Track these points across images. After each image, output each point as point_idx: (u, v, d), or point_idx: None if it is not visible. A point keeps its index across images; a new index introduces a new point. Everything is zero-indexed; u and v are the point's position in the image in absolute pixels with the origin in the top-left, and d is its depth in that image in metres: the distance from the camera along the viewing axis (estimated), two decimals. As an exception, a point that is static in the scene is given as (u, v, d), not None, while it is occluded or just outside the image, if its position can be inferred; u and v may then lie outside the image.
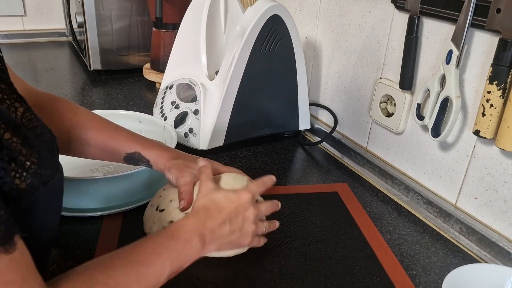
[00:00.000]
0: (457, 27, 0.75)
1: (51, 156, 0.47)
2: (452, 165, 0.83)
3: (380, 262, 0.72)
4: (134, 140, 0.74)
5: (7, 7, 1.85)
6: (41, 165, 0.44)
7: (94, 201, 0.78)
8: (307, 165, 1.04)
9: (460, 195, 0.82)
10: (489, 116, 0.71)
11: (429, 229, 0.82)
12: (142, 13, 1.51)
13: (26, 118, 0.46)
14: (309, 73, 1.20)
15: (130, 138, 0.74)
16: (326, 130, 1.13)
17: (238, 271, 0.69)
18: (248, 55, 0.97)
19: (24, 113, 0.47)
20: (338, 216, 0.84)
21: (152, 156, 0.73)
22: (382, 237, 0.79)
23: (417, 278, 0.70)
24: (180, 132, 1.02)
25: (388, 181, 0.96)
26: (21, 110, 0.46)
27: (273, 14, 0.96)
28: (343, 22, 1.05)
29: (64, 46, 1.90)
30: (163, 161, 0.72)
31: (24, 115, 0.46)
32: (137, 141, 0.74)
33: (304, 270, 0.69)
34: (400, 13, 0.89)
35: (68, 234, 0.74)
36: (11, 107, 0.45)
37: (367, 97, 1.01)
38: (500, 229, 0.76)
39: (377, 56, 0.96)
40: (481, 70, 0.75)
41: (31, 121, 0.47)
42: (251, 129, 1.06)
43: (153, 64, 1.46)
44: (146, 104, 1.30)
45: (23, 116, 0.46)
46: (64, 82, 1.46)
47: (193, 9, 1.09)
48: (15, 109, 0.46)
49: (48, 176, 0.45)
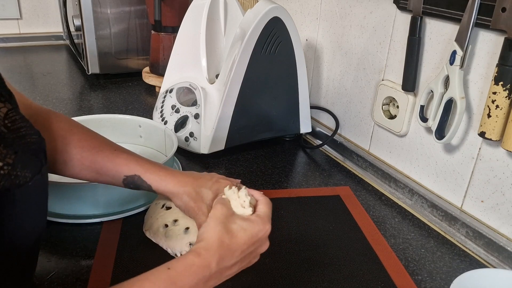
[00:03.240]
0: (461, 27, 0.74)
1: (33, 158, 0.45)
2: (457, 167, 0.81)
3: (385, 267, 0.71)
4: (134, 161, 0.68)
5: (3, 10, 1.84)
6: (17, 166, 0.42)
7: (93, 207, 0.77)
8: (309, 169, 1.03)
9: (466, 198, 0.81)
10: (494, 117, 0.69)
11: (434, 233, 0.81)
12: (140, 16, 1.50)
13: (9, 119, 0.45)
14: (310, 76, 1.19)
15: (130, 159, 0.68)
16: (328, 133, 1.12)
17: (239, 276, 0.67)
18: (248, 58, 0.96)
19: (7, 114, 0.45)
20: (341, 220, 0.82)
21: (154, 181, 0.67)
22: (386, 241, 0.77)
23: (423, 283, 0.69)
24: (180, 136, 1.01)
25: (391, 184, 0.94)
26: (4, 110, 0.45)
27: (274, 16, 0.95)
28: (344, 23, 1.04)
29: (61, 49, 1.89)
30: (168, 187, 0.67)
31: (7, 115, 0.45)
32: (138, 163, 0.68)
33: (307, 275, 0.68)
34: (402, 14, 0.88)
35: (67, 240, 0.73)
36: None
37: (369, 99, 1.00)
38: (508, 233, 0.75)
39: (379, 58, 0.95)
40: (486, 71, 0.74)
41: (15, 122, 0.45)
42: (252, 133, 1.05)
43: (153, 68, 1.45)
44: (145, 108, 1.29)
45: (6, 117, 0.45)
46: (61, 86, 1.45)
47: (193, 11, 1.08)
48: None
49: (25, 177, 0.43)
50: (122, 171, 0.67)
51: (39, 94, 1.36)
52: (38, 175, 0.45)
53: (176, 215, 0.70)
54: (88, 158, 0.66)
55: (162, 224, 0.70)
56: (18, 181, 0.42)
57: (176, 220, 0.70)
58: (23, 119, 0.47)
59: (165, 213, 0.71)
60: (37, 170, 0.45)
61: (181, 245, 0.67)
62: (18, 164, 0.42)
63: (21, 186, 0.43)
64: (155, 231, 0.70)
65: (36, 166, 0.45)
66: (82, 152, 0.66)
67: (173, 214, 0.70)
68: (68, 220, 0.76)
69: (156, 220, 0.71)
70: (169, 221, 0.70)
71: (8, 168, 0.41)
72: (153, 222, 0.71)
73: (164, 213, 0.71)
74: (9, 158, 0.42)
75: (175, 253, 0.68)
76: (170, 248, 0.69)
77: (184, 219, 0.69)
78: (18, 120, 0.46)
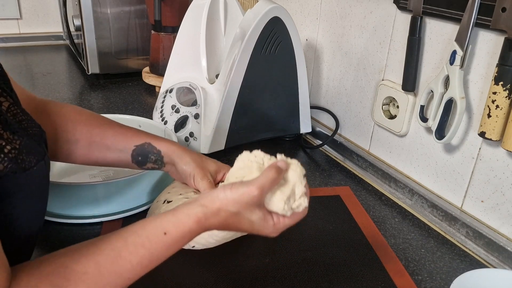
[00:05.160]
0: (461, 27, 0.74)
1: (36, 146, 0.47)
2: (457, 167, 0.81)
3: (385, 267, 0.71)
4: (144, 133, 0.73)
5: (2, 10, 1.84)
6: (23, 151, 0.43)
7: (93, 207, 0.77)
8: (309, 169, 1.03)
9: (466, 198, 0.81)
10: (494, 117, 0.69)
11: (434, 233, 0.81)
12: (140, 16, 1.49)
13: (11, 113, 0.47)
14: (310, 76, 1.19)
15: (139, 131, 0.73)
16: (328, 133, 1.12)
17: (239, 277, 0.67)
18: (248, 58, 0.96)
19: (9, 108, 0.47)
20: (341, 220, 0.82)
21: (164, 146, 0.71)
22: (386, 241, 0.77)
23: (423, 283, 0.68)
24: (180, 136, 1.01)
25: (391, 184, 0.94)
26: (6, 104, 0.47)
27: (274, 16, 0.95)
28: (344, 23, 1.04)
29: (61, 49, 1.89)
30: (177, 152, 0.70)
31: (9, 109, 0.47)
32: (147, 134, 0.73)
33: (307, 276, 0.68)
34: (402, 14, 0.88)
35: (67, 240, 0.73)
36: None
37: (369, 99, 1.00)
38: (508, 233, 0.74)
39: (379, 58, 0.95)
40: (486, 71, 0.74)
41: (16, 115, 0.47)
42: (252, 133, 1.05)
43: (153, 68, 1.45)
44: (145, 108, 1.29)
45: (8, 111, 0.46)
46: (61, 86, 1.45)
47: (193, 11, 1.08)
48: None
49: (30, 162, 0.44)
50: (132, 141, 0.70)
51: (39, 94, 1.34)
52: (41, 162, 0.47)
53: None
54: (99, 135, 0.69)
55: None
56: (24, 165, 0.44)
57: None
58: (24, 113, 0.49)
59: (168, 206, 0.71)
60: (40, 157, 0.47)
61: None
62: (24, 149, 0.44)
63: (26, 170, 0.44)
64: None
65: (40, 153, 0.47)
66: (92, 129, 0.69)
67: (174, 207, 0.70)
68: (68, 220, 0.76)
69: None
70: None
71: (15, 152, 0.43)
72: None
73: (166, 206, 0.71)
74: (15, 143, 0.43)
75: None
76: None
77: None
78: (20, 114, 0.48)
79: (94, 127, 0.69)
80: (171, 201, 0.72)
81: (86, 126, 0.69)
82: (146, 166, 0.72)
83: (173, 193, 0.73)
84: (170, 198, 0.72)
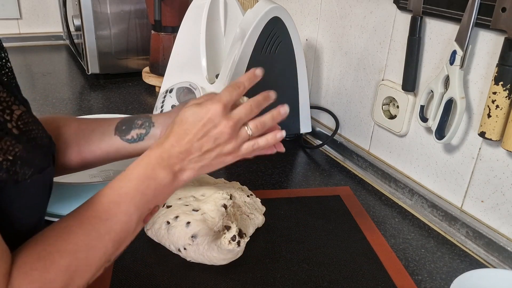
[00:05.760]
0: (461, 27, 0.74)
1: (39, 156, 0.47)
2: (457, 167, 0.81)
3: (385, 267, 0.71)
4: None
5: (2, 10, 1.84)
6: (17, 162, 0.43)
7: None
8: (309, 169, 1.03)
9: (466, 198, 0.81)
10: (494, 117, 0.69)
11: (434, 233, 0.81)
12: (140, 16, 1.50)
13: (22, 121, 0.46)
14: (310, 76, 1.19)
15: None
16: (328, 133, 1.12)
17: (239, 277, 0.67)
18: (248, 58, 0.96)
19: (21, 115, 0.46)
20: (341, 220, 0.82)
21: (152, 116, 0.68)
22: (386, 241, 0.77)
23: (423, 283, 0.68)
24: (179, 136, 1.01)
25: (391, 184, 0.94)
26: (17, 112, 0.46)
27: (273, 16, 0.95)
28: (344, 23, 1.04)
29: (61, 49, 1.89)
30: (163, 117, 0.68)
31: (21, 117, 0.46)
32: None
33: (307, 276, 0.68)
34: (402, 14, 0.88)
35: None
36: (6, 109, 0.45)
37: (369, 99, 1.00)
38: (508, 233, 0.74)
39: (379, 58, 0.95)
40: (486, 71, 0.74)
41: (27, 125, 0.47)
42: (251, 133, 1.05)
43: (153, 68, 1.45)
44: (145, 108, 1.29)
45: (19, 119, 0.46)
46: (61, 86, 1.45)
47: (193, 11, 1.08)
48: (11, 111, 0.45)
49: (24, 174, 0.44)
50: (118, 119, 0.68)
51: (39, 94, 1.35)
52: (37, 175, 0.46)
53: (177, 212, 0.71)
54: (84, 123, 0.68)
55: (164, 221, 0.71)
56: (16, 177, 0.43)
57: (177, 217, 0.70)
58: (36, 122, 0.49)
59: (166, 211, 0.72)
60: (38, 169, 0.46)
61: (184, 238, 0.68)
62: (18, 161, 0.43)
63: (18, 182, 0.44)
64: (157, 230, 0.71)
65: (38, 166, 0.46)
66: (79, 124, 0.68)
67: (173, 211, 0.71)
68: (68, 220, 0.75)
69: (158, 218, 0.72)
70: (170, 218, 0.70)
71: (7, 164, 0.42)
72: (155, 221, 0.72)
73: (165, 211, 0.72)
74: (9, 155, 0.43)
75: (178, 248, 0.68)
76: (173, 244, 0.69)
77: (184, 215, 0.70)
78: (31, 123, 0.48)
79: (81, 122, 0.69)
80: (170, 205, 0.73)
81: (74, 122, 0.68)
82: (130, 135, 0.66)
83: (172, 197, 0.73)
84: (169, 203, 0.73)
